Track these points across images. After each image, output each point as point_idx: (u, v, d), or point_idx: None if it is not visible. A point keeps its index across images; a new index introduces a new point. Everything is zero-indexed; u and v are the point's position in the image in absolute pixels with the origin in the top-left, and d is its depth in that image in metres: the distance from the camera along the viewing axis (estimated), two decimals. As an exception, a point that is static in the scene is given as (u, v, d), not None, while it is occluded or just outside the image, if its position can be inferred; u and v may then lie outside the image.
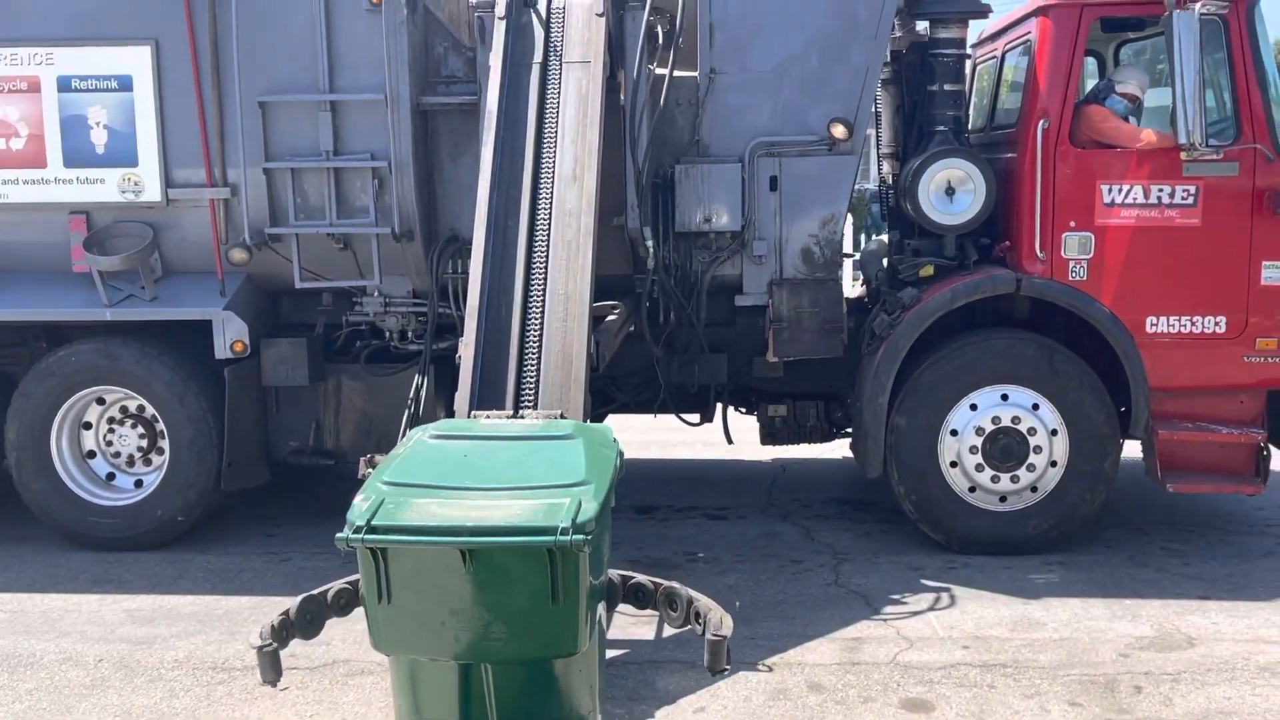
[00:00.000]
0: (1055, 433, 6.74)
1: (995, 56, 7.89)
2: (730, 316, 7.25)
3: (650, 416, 7.80)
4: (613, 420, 7.54)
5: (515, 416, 5.05)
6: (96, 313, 7.02)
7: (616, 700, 5.05)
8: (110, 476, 7.31)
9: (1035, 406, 6.75)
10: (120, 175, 6.92)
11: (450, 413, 5.52)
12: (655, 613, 5.99)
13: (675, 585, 4.71)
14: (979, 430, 6.77)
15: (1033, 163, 6.71)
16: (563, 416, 4.98)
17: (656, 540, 7.32)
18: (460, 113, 6.93)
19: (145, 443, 7.24)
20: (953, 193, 6.88)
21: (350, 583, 4.59)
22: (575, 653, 4.12)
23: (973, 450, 6.78)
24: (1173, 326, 6.72)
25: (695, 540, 7.33)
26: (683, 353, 7.31)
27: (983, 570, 6.62)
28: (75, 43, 6.82)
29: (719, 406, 7.71)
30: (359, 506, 4.06)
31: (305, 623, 4.58)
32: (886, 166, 8.27)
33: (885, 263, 7.50)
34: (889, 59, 7.49)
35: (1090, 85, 7.39)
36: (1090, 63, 7.72)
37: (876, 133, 8.15)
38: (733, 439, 7.85)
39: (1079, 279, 6.72)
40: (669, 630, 5.83)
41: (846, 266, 7.81)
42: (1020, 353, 6.79)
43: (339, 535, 3.96)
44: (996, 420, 6.76)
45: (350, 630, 5.79)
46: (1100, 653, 5.54)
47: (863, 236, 12.95)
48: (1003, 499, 6.85)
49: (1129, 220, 6.66)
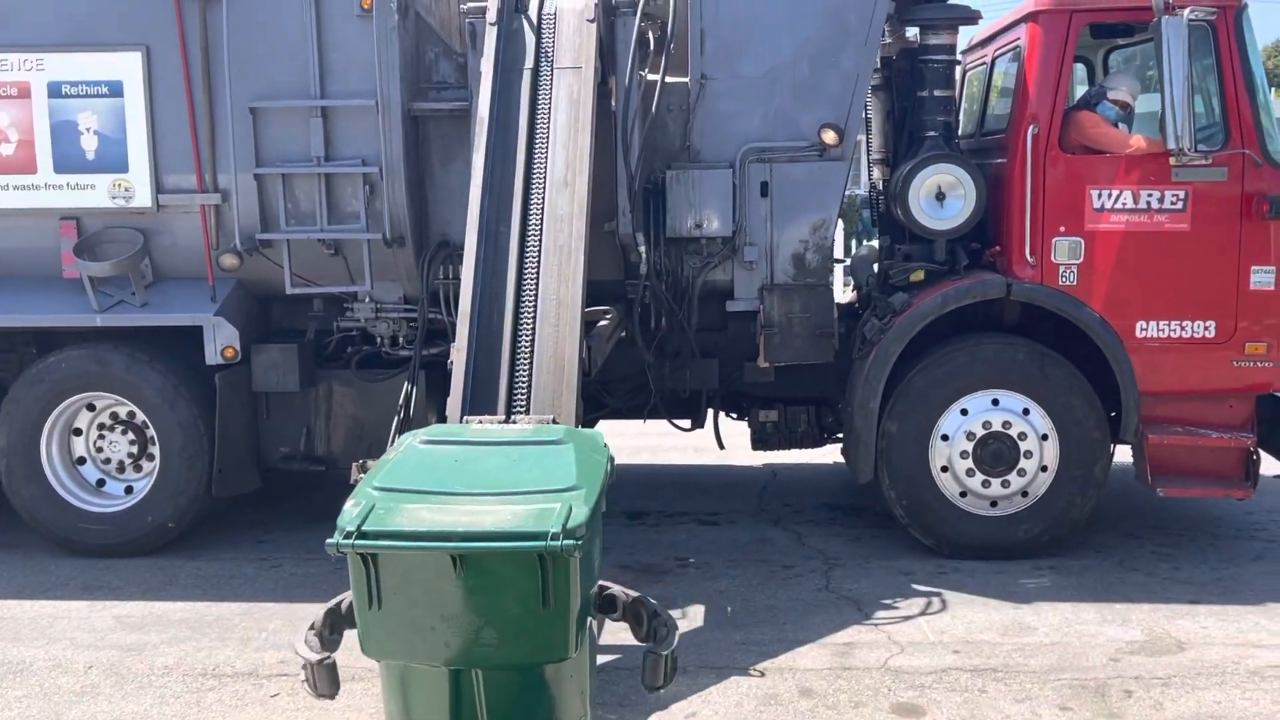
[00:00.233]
0: (1046, 437, 6.76)
1: (985, 62, 7.91)
2: (722, 322, 7.26)
3: (641, 422, 7.80)
4: (604, 425, 7.54)
5: (507, 422, 5.04)
6: (87, 318, 7.01)
7: (608, 706, 5.04)
8: (100, 483, 7.29)
9: (1026, 411, 6.76)
10: (111, 181, 6.91)
11: (442, 418, 5.52)
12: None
13: (644, 599, 4.67)
14: (970, 435, 6.78)
15: (1023, 168, 6.73)
16: (555, 421, 4.98)
17: (647, 545, 7.31)
18: (451, 118, 6.93)
19: (136, 449, 7.23)
20: (943, 198, 6.90)
21: None
22: (566, 658, 4.11)
23: (963, 455, 6.80)
24: (1162, 331, 6.74)
25: (686, 545, 7.33)
26: (674, 358, 7.31)
27: (974, 575, 6.63)
28: (66, 48, 6.81)
29: (710, 412, 7.71)
30: (349, 512, 4.05)
31: (329, 634, 4.56)
32: (877, 172, 8.29)
33: (876, 268, 7.52)
34: (879, 65, 7.53)
35: (1079, 91, 7.43)
36: (1080, 69, 7.75)
37: (867, 138, 8.17)
38: (724, 444, 7.86)
39: (1069, 284, 6.74)
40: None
41: (837, 272, 7.82)
42: (1011, 358, 6.80)
43: (329, 541, 3.96)
44: (987, 425, 6.77)
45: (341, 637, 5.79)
46: (1091, 657, 5.55)
47: (853, 242, 12.99)
48: (993, 504, 6.86)
49: (1119, 225, 6.68)
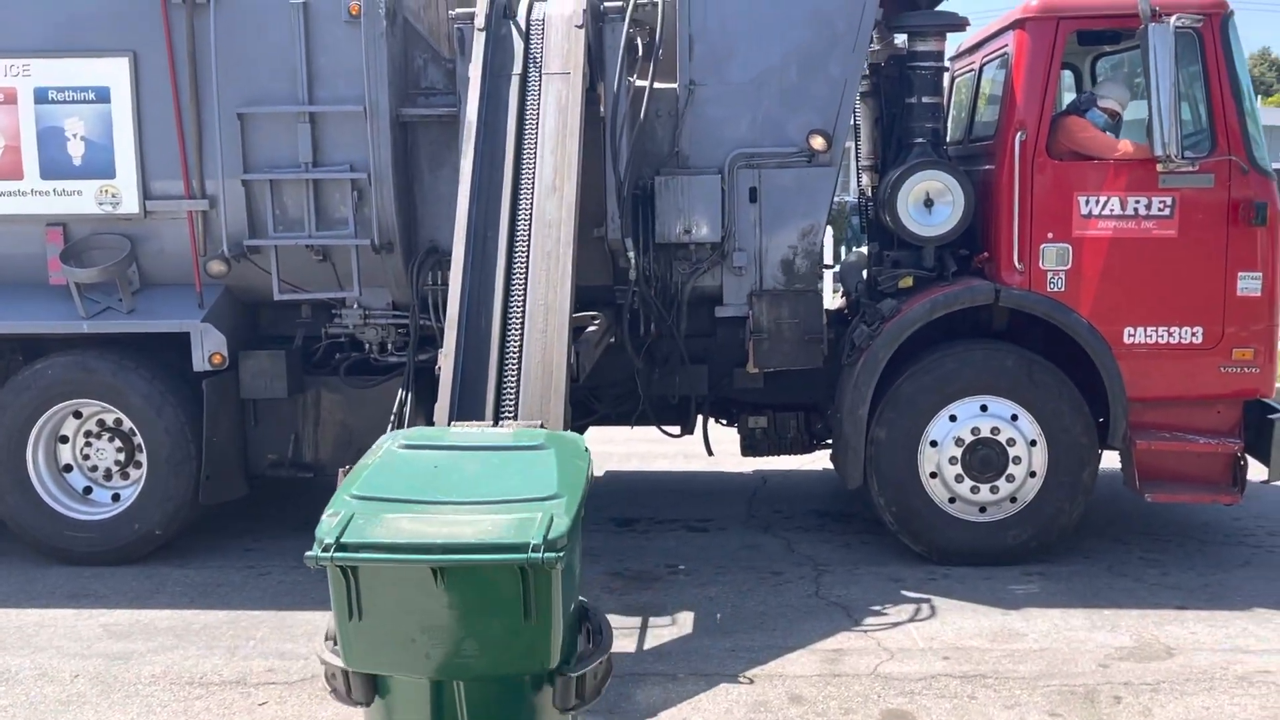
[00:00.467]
0: (1034, 443, 6.76)
1: (973, 69, 7.93)
2: (711, 328, 7.25)
3: (630, 428, 7.79)
4: (593, 432, 7.54)
5: (495, 427, 5.02)
6: (73, 325, 6.98)
7: (596, 713, 5.02)
8: (87, 490, 7.25)
9: (1014, 417, 6.77)
10: (98, 187, 6.89)
11: (430, 424, 5.50)
12: (636, 626, 6.03)
13: (590, 610, 4.52)
14: (958, 441, 6.79)
15: (1010, 174, 6.74)
16: (543, 427, 4.96)
17: (637, 552, 7.30)
18: (440, 124, 6.92)
19: (122, 456, 7.20)
20: (931, 204, 6.91)
21: None
22: (548, 669, 4.09)
23: (952, 461, 6.80)
24: (1150, 337, 6.75)
25: (676, 552, 7.32)
26: (663, 364, 7.30)
27: (963, 581, 6.63)
28: (53, 54, 6.79)
29: (699, 418, 7.71)
30: (328, 523, 3.99)
31: None
32: (865, 178, 8.30)
33: (865, 274, 7.53)
34: (867, 71, 7.54)
35: (1067, 98, 7.44)
36: (1067, 75, 7.77)
37: (855, 145, 8.18)
38: (713, 451, 7.86)
39: (1057, 290, 6.75)
40: (649, 643, 5.83)
41: (826, 278, 7.81)
42: (999, 364, 6.81)
43: (308, 554, 3.91)
44: (976, 431, 6.78)
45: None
46: (1080, 663, 5.56)
47: (842, 248, 12.99)
48: (982, 510, 6.86)
49: (1106, 231, 6.69)
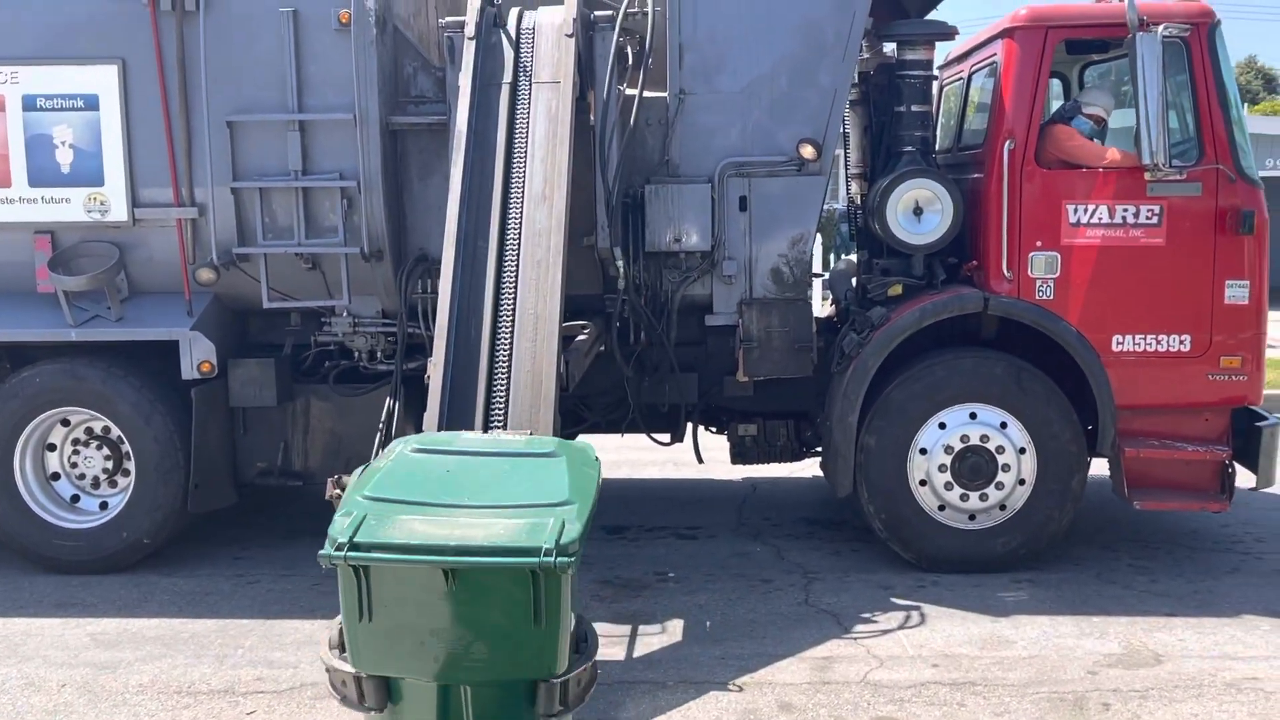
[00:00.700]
0: (1023, 451, 6.78)
1: (962, 78, 7.96)
2: (700, 336, 7.26)
3: (620, 436, 7.79)
4: (582, 440, 7.52)
5: (508, 434, 5.03)
6: (61, 333, 6.96)
7: (587, 721, 5.03)
8: (75, 499, 7.23)
9: (1003, 425, 6.79)
10: (86, 195, 6.87)
11: (419, 432, 5.49)
12: (626, 634, 6.03)
13: (576, 613, 4.46)
14: (948, 449, 6.80)
15: (999, 183, 6.76)
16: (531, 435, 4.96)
17: (627, 560, 7.30)
18: (429, 132, 6.92)
19: (111, 464, 7.17)
20: (920, 213, 6.92)
21: None
22: (555, 674, 4.10)
23: (942, 469, 6.81)
24: (1138, 345, 6.77)
25: (666, 560, 7.32)
26: (653, 372, 7.31)
27: (952, 588, 6.64)
28: (41, 61, 6.77)
29: (689, 426, 7.71)
30: (340, 523, 4.00)
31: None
32: (855, 187, 8.32)
33: (854, 282, 7.54)
34: (857, 80, 7.55)
35: (1055, 107, 7.46)
36: (1055, 84, 7.80)
37: (845, 153, 8.20)
38: (703, 458, 7.87)
39: (1046, 298, 6.77)
40: (639, 650, 5.82)
41: (816, 286, 7.83)
42: (988, 371, 6.83)
43: (321, 553, 3.92)
44: (965, 439, 6.79)
45: (318, 654, 5.74)
46: (1069, 670, 5.56)
47: (832, 256, 13.00)
48: (972, 517, 6.87)
49: (1094, 240, 6.72)
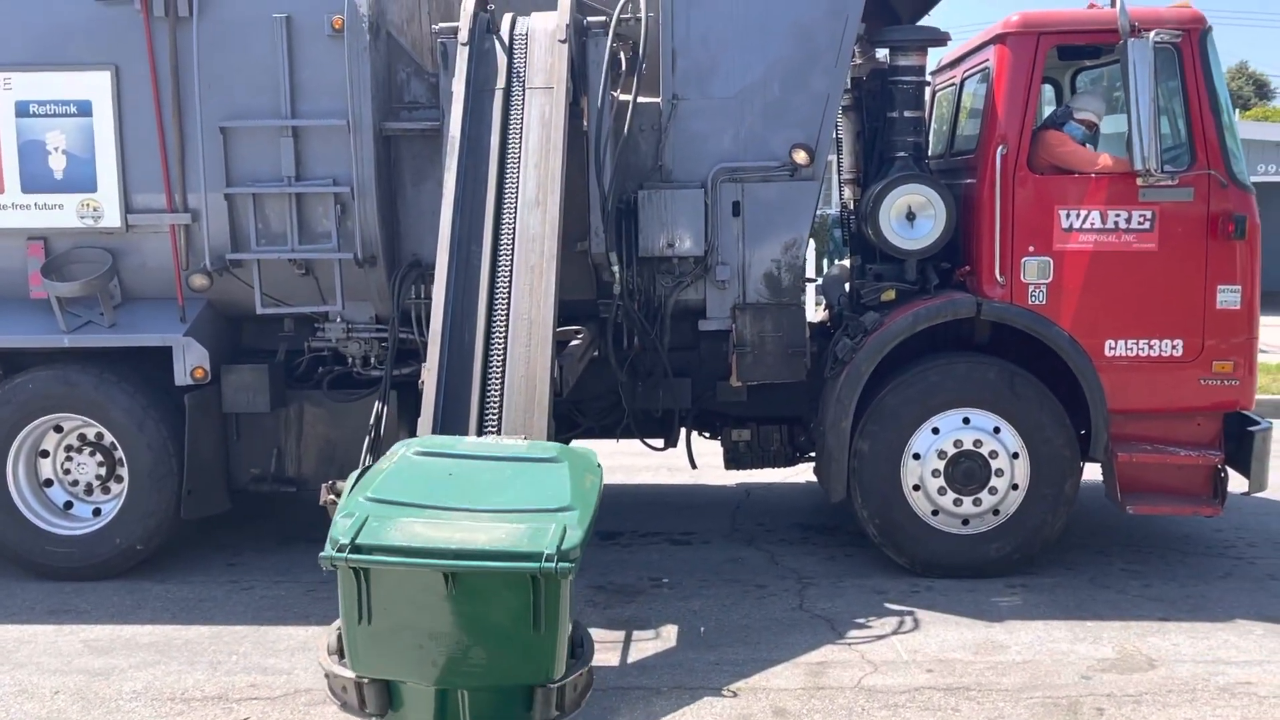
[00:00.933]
0: (1016, 456, 6.78)
1: (954, 83, 7.97)
2: (694, 341, 7.26)
3: (614, 441, 7.79)
4: (576, 445, 7.51)
5: (509, 439, 5.03)
6: (54, 339, 6.94)
7: (581, 727, 5.02)
8: (68, 505, 7.21)
9: (996, 430, 6.79)
10: (79, 201, 6.86)
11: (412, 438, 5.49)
12: (620, 639, 6.03)
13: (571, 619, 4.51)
14: (941, 454, 6.80)
15: (992, 188, 6.78)
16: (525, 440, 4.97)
17: (620, 566, 7.29)
18: (423, 138, 6.92)
19: (104, 471, 7.15)
20: (913, 218, 6.93)
21: None
22: (553, 679, 4.10)
23: (935, 474, 6.81)
24: (1131, 350, 6.79)
25: (660, 566, 7.32)
26: (647, 377, 7.30)
27: (946, 593, 6.64)
28: (34, 68, 6.77)
29: (683, 431, 7.71)
30: (342, 524, 4.00)
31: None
32: (848, 192, 8.33)
33: (847, 287, 7.55)
34: (850, 86, 7.57)
35: (1047, 112, 7.48)
36: (1047, 90, 7.82)
37: (838, 159, 8.22)
38: (697, 464, 7.87)
39: (1038, 303, 6.78)
40: (633, 656, 5.82)
41: (809, 291, 7.84)
42: (981, 376, 6.83)
43: (322, 554, 3.91)
44: (958, 444, 6.80)
45: (312, 659, 5.74)
46: (1063, 675, 5.57)
47: (825, 261, 13.05)
48: (965, 522, 6.88)
49: (1087, 245, 6.73)
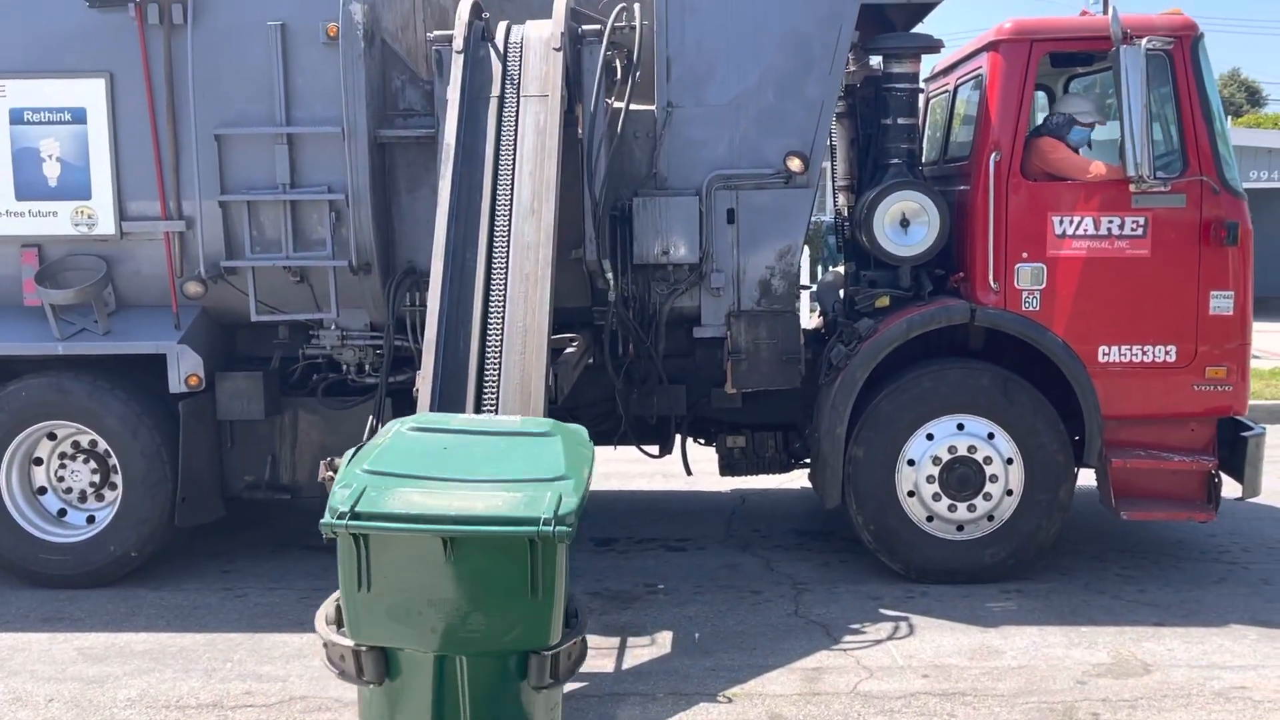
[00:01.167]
0: (1011, 462, 6.80)
1: (948, 90, 8.00)
2: (689, 348, 7.26)
3: (609, 448, 7.79)
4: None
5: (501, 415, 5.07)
6: (48, 347, 6.93)
7: (577, 734, 5.03)
8: (62, 512, 7.19)
9: (991, 436, 6.81)
10: (73, 208, 6.86)
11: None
12: (615, 646, 6.03)
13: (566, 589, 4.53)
14: (936, 460, 6.81)
15: (985, 195, 6.80)
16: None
17: (616, 572, 7.29)
18: (418, 146, 6.92)
19: (98, 478, 7.14)
20: (907, 225, 6.95)
21: None
22: (549, 645, 4.18)
23: (930, 480, 6.82)
24: (1124, 356, 6.81)
25: (655, 572, 7.32)
26: (642, 384, 7.31)
27: (941, 599, 6.65)
28: (28, 75, 6.76)
29: (678, 438, 7.72)
30: (340, 494, 4.08)
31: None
32: (842, 199, 8.35)
33: (841, 294, 7.56)
34: (844, 93, 7.59)
35: (1040, 119, 7.50)
36: (1040, 96, 7.84)
37: (832, 166, 8.23)
38: (692, 470, 7.87)
39: (1032, 309, 6.80)
40: (628, 662, 5.82)
41: (804, 298, 7.86)
42: (975, 382, 6.85)
43: (323, 521, 3.98)
44: (953, 450, 6.81)
45: (307, 666, 5.74)
46: (1058, 680, 5.58)
47: (819, 268, 13.05)
48: (960, 528, 6.89)
49: (1080, 251, 6.75)
